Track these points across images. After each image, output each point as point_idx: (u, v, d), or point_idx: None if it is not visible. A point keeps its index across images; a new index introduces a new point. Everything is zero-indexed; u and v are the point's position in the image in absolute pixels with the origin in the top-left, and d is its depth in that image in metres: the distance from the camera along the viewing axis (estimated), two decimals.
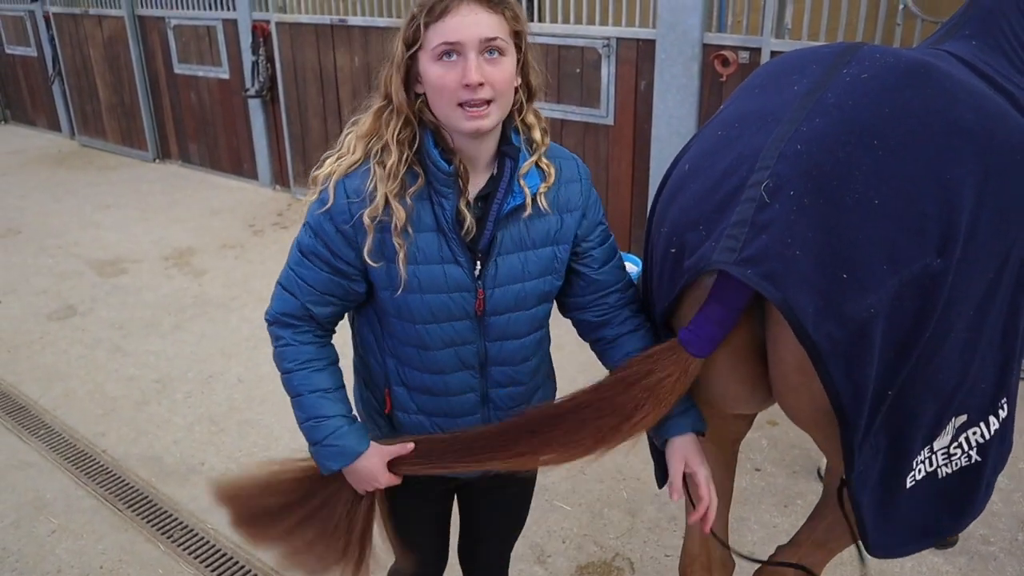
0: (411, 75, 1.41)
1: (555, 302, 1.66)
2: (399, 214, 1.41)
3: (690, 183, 1.49)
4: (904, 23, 3.70)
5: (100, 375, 3.96)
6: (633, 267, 5.11)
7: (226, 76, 6.81)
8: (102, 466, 3.24)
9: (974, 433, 1.53)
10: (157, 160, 7.90)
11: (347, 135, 1.50)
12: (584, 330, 1.69)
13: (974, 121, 1.39)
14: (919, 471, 1.49)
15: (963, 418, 1.50)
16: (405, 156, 1.42)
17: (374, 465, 1.55)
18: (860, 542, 1.57)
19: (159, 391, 3.80)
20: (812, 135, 1.36)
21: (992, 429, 1.54)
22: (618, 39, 4.43)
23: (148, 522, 2.90)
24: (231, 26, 6.53)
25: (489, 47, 1.36)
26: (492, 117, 1.38)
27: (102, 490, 3.08)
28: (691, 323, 1.44)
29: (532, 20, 4.89)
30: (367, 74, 5.73)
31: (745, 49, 4.01)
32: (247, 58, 6.42)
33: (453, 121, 1.39)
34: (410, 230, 1.43)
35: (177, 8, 7.00)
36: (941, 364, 1.39)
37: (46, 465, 3.25)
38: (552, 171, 1.50)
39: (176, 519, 2.92)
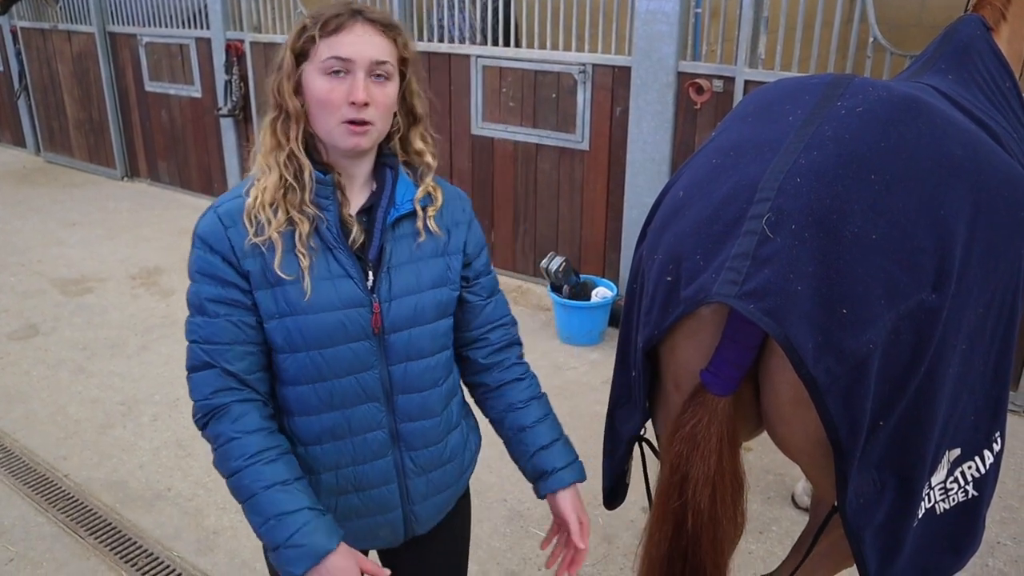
0: (299, 86, 1.40)
1: None
2: (302, 227, 1.38)
3: (685, 211, 1.49)
4: (874, 56, 3.78)
5: (63, 397, 3.86)
6: (608, 292, 5.06)
7: (198, 95, 6.75)
8: (63, 491, 3.14)
9: (969, 467, 1.53)
10: (125, 178, 7.78)
11: (255, 160, 1.45)
12: (469, 371, 1.64)
13: (964, 156, 1.42)
14: (920, 509, 1.48)
15: (956, 452, 1.50)
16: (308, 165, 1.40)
17: (349, 565, 1.37)
18: None
19: (124, 414, 3.71)
20: (811, 168, 1.36)
21: (987, 463, 1.54)
22: (594, 65, 4.47)
23: (111, 550, 2.82)
24: (204, 45, 6.49)
25: (377, 71, 1.37)
26: (371, 136, 1.39)
27: (63, 516, 2.99)
28: (711, 365, 1.44)
29: (510, 45, 4.91)
30: None
31: (719, 78, 4.06)
32: (220, 77, 6.37)
33: (334, 137, 1.38)
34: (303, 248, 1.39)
35: (149, 25, 6.94)
36: (939, 398, 1.39)
37: (4, 490, 3.14)
38: (439, 194, 1.51)
39: (140, 547, 2.83)
